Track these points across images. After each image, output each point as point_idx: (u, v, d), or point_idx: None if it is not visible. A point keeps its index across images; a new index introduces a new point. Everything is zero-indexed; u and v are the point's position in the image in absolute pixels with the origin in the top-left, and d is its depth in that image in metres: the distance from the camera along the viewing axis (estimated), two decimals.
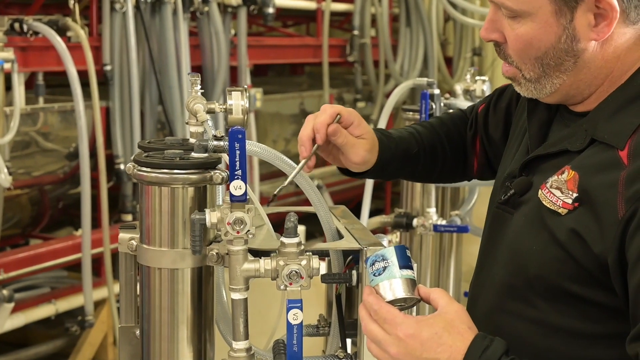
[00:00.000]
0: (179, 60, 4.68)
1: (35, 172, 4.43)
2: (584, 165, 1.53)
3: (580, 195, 1.50)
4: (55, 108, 4.37)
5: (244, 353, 1.53)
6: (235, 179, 1.44)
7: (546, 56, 1.57)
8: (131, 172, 1.56)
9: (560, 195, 1.53)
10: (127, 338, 1.69)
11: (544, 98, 1.65)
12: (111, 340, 4.57)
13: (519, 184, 1.64)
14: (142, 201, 1.56)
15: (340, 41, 6.37)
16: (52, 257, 4.23)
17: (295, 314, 1.46)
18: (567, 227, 1.50)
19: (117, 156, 4.53)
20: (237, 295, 1.51)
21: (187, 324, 1.56)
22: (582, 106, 1.63)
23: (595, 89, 1.60)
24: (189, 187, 1.52)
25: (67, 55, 4.00)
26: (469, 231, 2.79)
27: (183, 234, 1.53)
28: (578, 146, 1.56)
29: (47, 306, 4.31)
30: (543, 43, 1.56)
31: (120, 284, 1.68)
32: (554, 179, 1.56)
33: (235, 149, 1.44)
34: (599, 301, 1.50)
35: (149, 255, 1.55)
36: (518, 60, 1.61)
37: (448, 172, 2.04)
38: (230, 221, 1.46)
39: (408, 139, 1.94)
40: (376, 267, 1.50)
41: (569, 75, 1.58)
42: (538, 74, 1.60)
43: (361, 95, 6.50)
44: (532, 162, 1.65)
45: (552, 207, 1.54)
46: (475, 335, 1.44)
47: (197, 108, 1.60)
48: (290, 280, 1.48)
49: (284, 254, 1.50)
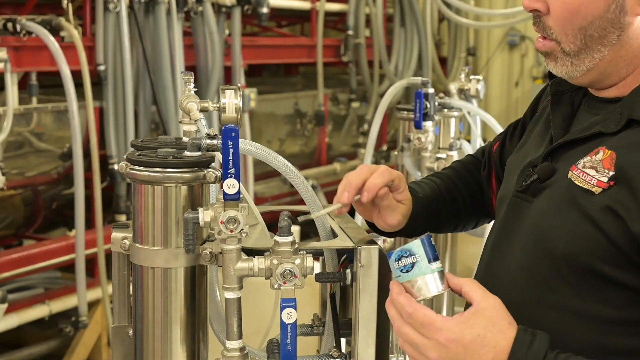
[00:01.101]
0: (172, 60, 4.67)
1: (28, 172, 4.41)
2: (621, 145, 1.50)
3: (617, 173, 1.46)
4: (49, 108, 4.35)
5: (238, 352, 1.51)
6: (229, 177, 1.43)
7: (591, 26, 1.54)
8: (124, 171, 1.55)
9: (595, 174, 1.49)
10: (120, 338, 1.68)
11: (577, 78, 1.61)
12: (105, 341, 4.56)
13: (543, 169, 1.60)
14: (135, 200, 1.55)
15: (334, 41, 6.37)
16: (46, 257, 4.22)
17: (289, 313, 1.45)
18: (602, 205, 1.46)
19: (110, 156, 4.52)
20: (231, 294, 1.50)
21: (180, 323, 1.55)
22: (614, 90, 1.60)
23: (633, 68, 1.57)
24: (182, 186, 1.51)
25: (60, 55, 3.98)
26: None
27: (176, 233, 1.52)
28: (613, 128, 1.53)
29: (40, 307, 4.29)
30: (591, 11, 1.53)
31: (114, 283, 1.67)
32: (587, 160, 1.52)
33: (228, 147, 1.43)
34: (628, 283, 1.46)
35: (142, 255, 1.54)
36: (559, 32, 1.57)
37: (471, 218, 2.01)
38: (224, 220, 1.45)
39: (432, 196, 1.92)
40: (403, 262, 1.47)
41: (611, 50, 1.55)
42: (579, 46, 1.56)
43: (355, 95, 6.50)
44: (557, 150, 1.61)
45: (586, 185, 1.49)
46: (517, 331, 1.40)
47: (190, 106, 1.59)
48: (284, 279, 1.47)
49: (278, 252, 1.49)
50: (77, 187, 4.06)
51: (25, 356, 4.44)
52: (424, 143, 2.68)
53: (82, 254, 4.08)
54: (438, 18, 7.27)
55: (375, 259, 1.57)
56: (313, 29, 5.99)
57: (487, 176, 1.98)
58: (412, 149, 2.74)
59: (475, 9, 6.70)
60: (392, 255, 1.49)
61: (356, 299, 1.58)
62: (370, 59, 6.49)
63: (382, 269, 1.59)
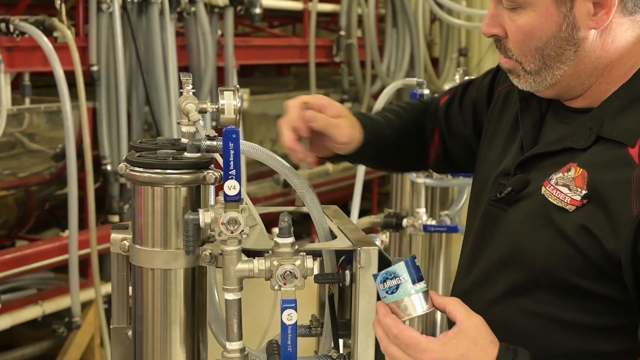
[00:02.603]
0: (165, 60, 4.67)
1: (21, 173, 4.40)
2: (592, 162, 1.54)
3: (590, 192, 1.51)
4: (42, 109, 4.34)
5: (238, 354, 1.52)
6: (230, 178, 1.43)
7: (547, 46, 1.58)
8: (123, 172, 1.55)
9: (568, 192, 1.53)
10: (119, 339, 1.68)
11: (542, 92, 1.66)
12: (98, 342, 4.55)
13: (516, 181, 1.65)
14: (135, 201, 1.55)
15: (326, 42, 6.37)
16: (39, 258, 4.21)
17: (290, 314, 1.46)
18: (576, 223, 1.51)
19: (103, 157, 4.51)
20: (231, 295, 1.50)
21: (180, 324, 1.55)
22: (581, 100, 1.65)
23: (595, 79, 1.61)
24: (181, 187, 1.51)
25: (53, 56, 3.97)
26: (458, 231, 2.79)
27: (176, 234, 1.52)
28: (583, 144, 1.57)
29: (33, 308, 4.28)
30: (544, 32, 1.57)
31: (112, 284, 1.67)
32: (559, 176, 1.56)
33: (229, 149, 1.43)
34: (606, 294, 1.52)
35: (142, 256, 1.54)
36: (519, 53, 1.62)
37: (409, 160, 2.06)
38: (224, 221, 1.45)
39: (382, 123, 1.95)
40: (388, 284, 1.50)
41: (570, 66, 1.59)
42: (539, 65, 1.61)
43: (348, 96, 6.50)
44: (529, 160, 1.65)
45: (559, 203, 1.54)
46: (499, 348, 1.45)
47: (189, 108, 1.59)
48: (285, 281, 1.48)
49: (278, 254, 1.49)
50: (70, 187, 4.05)
51: (18, 357, 4.42)
52: None
53: (76, 254, 4.07)
54: (430, 19, 7.28)
55: (375, 260, 1.58)
56: (305, 30, 5.99)
57: (432, 128, 2.03)
58: None
59: (467, 10, 6.70)
60: (378, 277, 1.52)
61: (356, 300, 1.58)
62: (362, 60, 6.49)
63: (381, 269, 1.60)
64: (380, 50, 6.57)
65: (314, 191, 1.64)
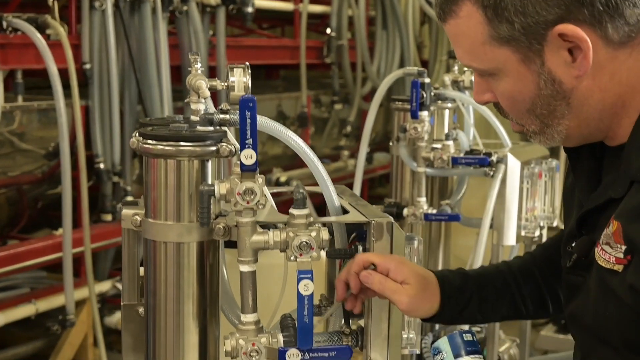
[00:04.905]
0: (158, 59, 4.65)
1: (12, 172, 4.38)
2: (623, 211, 1.41)
3: (628, 246, 1.38)
4: (35, 106, 4.32)
5: (253, 326, 1.51)
6: (246, 147, 1.43)
7: (535, 107, 1.49)
8: (135, 147, 1.54)
9: (611, 250, 1.41)
10: (130, 316, 1.67)
11: (567, 145, 1.54)
12: (91, 341, 4.51)
13: (580, 245, 1.53)
14: (148, 175, 1.54)
15: (317, 43, 6.36)
16: (32, 256, 4.17)
17: (306, 285, 1.45)
18: (625, 285, 1.38)
19: (96, 155, 4.49)
20: (246, 267, 1.49)
21: (192, 299, 1.54)
22: (612, 140, 1.52)
23: (610, 120, 1.49)
24: (195, 160, 1.51)
25: (47, 53, 3.94)
26: (460, 219, 2.79)
27: (189, 207, 1.52)
28: (620, 192, 1.44)
29: (27, 306, 4.24)
30: (525, 94, 1.49)
31: (123, 261, 1.66)
32: (604, 234, 1.43)
33: (246, 118, 1.42)
34: None
35: (155, 230, 1.53)
36: (515, 116, 1.55)
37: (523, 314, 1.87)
38: (241, 191, 1.44)
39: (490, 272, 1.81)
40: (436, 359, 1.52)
41: (570, 119, 1.49)
42: (538, 126, 1.52)
43: (338, 97, 6.49)
44: (590, 217, 1.52)
45: (608, 265, 1.42)
46: None
47: (200, 84, 1.59)
48: (301, 252, 1.47)
49: (294, 225, 1.49)
50: (64, 184, 4.02)
51: (11, 356, 4.39)
52: (420, 133, 2.68)
53: (70, 251, 4.03)
54: (420, 21, 7.28)
55: (389, 233, 1.58)
56: (296, 30, 5.99)
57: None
58: (408, 139, 2.74)
59: None
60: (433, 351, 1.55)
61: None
62: (352, 61, 6.49)
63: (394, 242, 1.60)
64: (370, 52, 6.57)
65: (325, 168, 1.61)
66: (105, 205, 4.57)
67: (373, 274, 1.59)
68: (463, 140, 2.84)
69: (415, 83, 2.67)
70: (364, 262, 1.60)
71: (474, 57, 1.50)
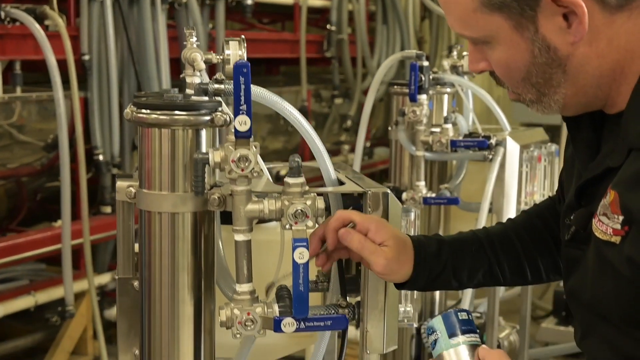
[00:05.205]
0: (157, 51, 4.64)
1: (11, 164, 4.36)
2: (620, 180, 1.35)
3: (626, 216, 1.32)
4: (34, 97, 4.31)
5: (248, 296, 1.50)
6: (240, 114, 1.41)
7: (530, 75, 1.44)
8: (130, 117, 1.53)
9: (608, 221, 1.35)
10: (124, 290, 1.66)
11: (565, 113, 1.50)
12: (91, 334, 4.51)
13: (578, 218, 1.48)
14: (142, 145, 1.53)
15: (317, 37, 6.35)
16: (31, 247, 4.16)
17: (301, 253, 1.44)
18: (623, 257, 1.33)
19: (95, 147, 4.48)
20: (241, 236, 1.48)
21: (187, 270, 1.53)
22: (611, 107, 1.47)
23: (608, 87, 1.44)
24: (189, 129, 1.49)
25: (46, 43, 3.93)
26: (459, 203, 2.78)
27: (184, 177, 1.50)
28: (618, 160, 1.39)
29: (26, 298, 4.23)
30: (520, 63, 1.43)
31: (118, 234, 1.65)
32: (601, 204, 1.38)
33: (240, 83, 1.41)
34: None
35: (149, 200, 1.52)
36: (510, 85, 1.50)
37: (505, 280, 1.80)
38: (235, 158, 1.43)
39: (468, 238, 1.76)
40: (430, 340, 1.50)
41: (567, 87, 1.44)
42: (535, 94, 1.47)
43: (338, 92, 6.48)
44: (587, 188, 1.48)
45: (605, 237, 1.37)
46: None
47: (195, 56, 1.59)
48: (296, 220, 1.46)
49: (289, 193, 1.48)
50: (63, 176, 4.01)
51: (10, 349, 4.38)
52: (419, 116, 2.67)
53: (69, 243, 4.03)
54: (420, 16, 7.28)
55: (385, 203, 1.57)
56: (296, 24, 5.98)
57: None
58: (407, 123, 2.72)
59: None
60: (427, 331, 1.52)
61: None
62: (353, 56, 6.48)
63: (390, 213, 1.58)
64: (370, 47, 6.56)
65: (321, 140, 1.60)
66: (104, 197, 4.56)
67: (353, 232, 1.55)
68: (462, 124, 2.83)
69: (413, 66, 2.66)
70: (343, 219, 1.57)
71: (466, 24, 1.47)
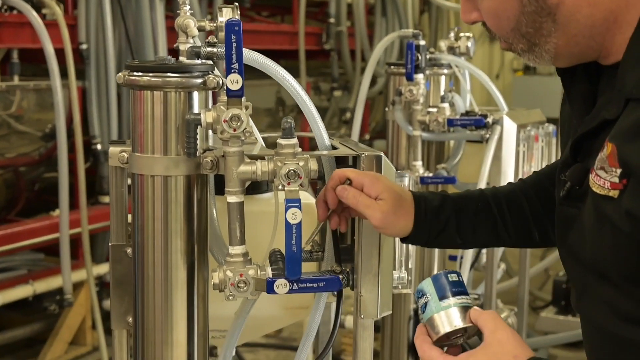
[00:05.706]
0: (155, 41, 4.63)
1: (9, 154, 4.36)
2: (618, 132, 1.31)
3: (624, 169, 1.28)
4: (31, 86, 4.30)
5: (241, 258, 1.49)
6: (232, 72, 1.41)
7: (520, 25, 1.41)
8: (122, 81, 1.52)
9: (606, 175, 1.31)
10: (118, 257, 1.65)
11: (556, 64, 1.47)
12: (89, 324, 4.51)
13: (573, 173, 1.44)
14: (135, 108, 1.52)
15: (316, 29, 6.35)
16: (29, 236, 4.16)
17: (294, 214, 1.42)
18: (622, 211, 1.28)
19: (94, 136, 4.48)
20: (233, 198, 1.47)
21: (180, 234, 1.52)
22: (606, 58, 1.43)
23: (602, 37, 1.39)
24: (181, 92, 1.48)
25: (43, 32, 3.92)
26: (456, 182, 2.77)
27: (176, 140, 1.49)
28: (615, 112, 1.34)
29: (24, 287, 4.23)
30: (509, 12, 1.41)
31: (111, 201, 1.64)
32: (598, 158, 1.33)
33: (231, 42, 1.40)
34: None
35: (142, 163, 1.51)
36: (501, 35, 1.47)
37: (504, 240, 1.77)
38: (227, 118, 1.42)
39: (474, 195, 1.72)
40: (420, 303, 1.47)
41: (557, 36, 1.40)
42: (526, 44, 1.44)
43: (337, 84, 6.48)
44: (583, 142, 1.43)
45: (602, 191, 1.32)
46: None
47: (188, 23, 1.57)
48: (289, 180, 1.45)
49: (282, 154, 1.47)
50: (60, 165, 3.99)
51: (9, 338, 4.37)
52: (416, 95, 2.66)
53: (67, 232, 4.02)
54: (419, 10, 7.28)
55: (379, 166, 1.56)
56: (295, 16, 5.97)
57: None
58: (404, 103, 2.72)
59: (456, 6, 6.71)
60: (417, 294, 1.49)
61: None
62: (352, 49, 6.47)
63: None
64: (369, 39, 6.56)
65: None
66: (102, 187, 4.56)
67: (347, 188, 1.55)
68: (459, 104, 2.82)
69: (410, 45, 2.65)
70: (340, 178, 1.56)
71: None
